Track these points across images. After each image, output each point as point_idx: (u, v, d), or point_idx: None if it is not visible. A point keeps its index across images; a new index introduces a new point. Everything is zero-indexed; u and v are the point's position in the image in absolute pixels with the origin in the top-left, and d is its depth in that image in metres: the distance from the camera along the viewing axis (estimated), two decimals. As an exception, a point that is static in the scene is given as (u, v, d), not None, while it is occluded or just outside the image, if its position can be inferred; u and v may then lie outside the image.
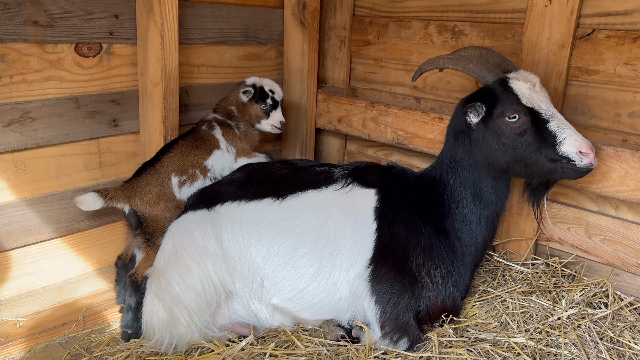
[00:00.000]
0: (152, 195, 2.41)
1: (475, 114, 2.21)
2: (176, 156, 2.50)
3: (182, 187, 2.49)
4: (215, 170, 2.62)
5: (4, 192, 2.26)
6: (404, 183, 2.47)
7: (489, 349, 2.15)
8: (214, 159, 2.61)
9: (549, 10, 2.52)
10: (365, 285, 2.26)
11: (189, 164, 2.51)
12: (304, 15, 3.15)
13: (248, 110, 2.71)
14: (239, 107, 2.73)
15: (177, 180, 2.47)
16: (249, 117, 2.73)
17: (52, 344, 2.43)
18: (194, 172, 2.53)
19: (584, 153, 2.07)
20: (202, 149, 2.58)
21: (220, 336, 2.31)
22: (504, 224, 2.81)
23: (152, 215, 2.41)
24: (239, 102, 2.72)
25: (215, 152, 2.62)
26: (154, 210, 2.42)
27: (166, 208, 2.45)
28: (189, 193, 2.51)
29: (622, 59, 2.45)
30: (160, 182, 2.43)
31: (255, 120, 2.74)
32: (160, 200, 2.42)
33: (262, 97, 2.69)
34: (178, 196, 2.48)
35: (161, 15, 2.42)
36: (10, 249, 2.32)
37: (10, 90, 2.20)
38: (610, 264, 2.55)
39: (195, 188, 2.52)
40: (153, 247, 2.40)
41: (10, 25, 2.14)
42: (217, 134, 2.65)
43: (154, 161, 2.47)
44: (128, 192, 2.39)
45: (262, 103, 2.70)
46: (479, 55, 2.40)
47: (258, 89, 2.69)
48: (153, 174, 2.43)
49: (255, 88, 2.69)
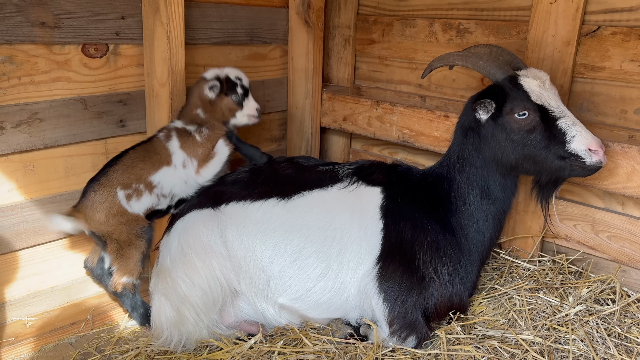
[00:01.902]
0: (100, 213, 2.28)
1: (485, 110, 2.21)
2: (121, 169, 2.33)
3: (130, 201, 2.33)
4: (163, 187, 2.39)
5: (12, 192, 2.28)
6: (409, 181, 2.47)
7: (496, 345, 2.15)
8: (161, 176, 2.39)
9: (554, 7, 2.52)
10: (373, 284, 2.27)
11: (133, 177, 2.33)
12: (309, 14, 3.16)
13: (218, 106, 2.46)
14: (206, 107, 2.46)
15: (123, 194, 2.31)
16: (220, 114, 2.47)
17: (61, 343, 2.44)
18: (137, 187, 2.33)
19: (594, 150, 2.08)
20: (149, 163, 2.37)
21: (228, 334, 2.32)
22: (510, 222, 2.81)
23: (108, 232, 2.30)
24: (205, 101, 2.45)
25: (164, 169, 2.39)
26: (108, 227, 2.29)
27: (119, 222, 2.30)
28: (140, 207, 2.35)
29: (628, 56, 2.45)
30: (106, 196, 2.29)
31: (229, 116, 2.48)
32: (109, 217, 2.29)
33: (230, 88, 2.44)
34: (130, 210, 2.33)
35: (167, 15, 2.43)
36: (19, 249, 2.33)
37: (19, 91, 2.21)
38: (617, 260, 2.55)
39: (144, 203, 2.36)
40: (123, 258, 2.33)
41: (18, 26, 2.16)
42: (172, 146, 2.42)
43: (100, 175, 2.34)
44: (82, 213, 2.28)
45: (233, 93, 2.45)
46: (489, 52, 2.40)
47: (224, 80, 2.44)
48: (97, 190, 2.30)
49: (220, 80, 2.44)
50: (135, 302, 2.42)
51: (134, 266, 2.36)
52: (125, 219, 2.32)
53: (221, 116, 2.48)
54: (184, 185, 2.46)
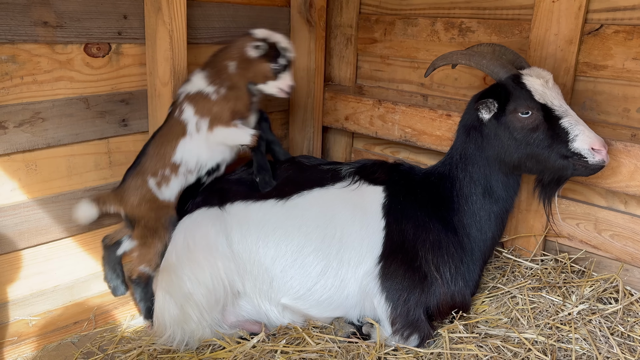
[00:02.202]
0: (134, 197, 2.36)
1: (487, 110, 2.21)
2: (149, 157, 2.38)
3: (161, 188, 2.38)
4: (188, 163, 2.37)
5: (15, 192, 2.28)
6: (411, 180, 2.47)
7: (499, 344, 2.15)
8: (180, 151, 2.36)
9: (557, 6, 2.52)
10: (375, 283, 2.27)
11: (159, 164, 2.36)
12: (311, 13, 3.16)
13: (253, 67, 2.35)
14: (241, 63, 2.35)
15: (154, 182, 2.37)
16: (252, 75, 2.36)
17: (64, 342, 2.45)
18: (163, 173, 2.36)
19: (597, 150, 2.08)
20: (167, 144, 2.37)
21: (231, 333, 2.32)
22: (512, 221, 2.81)
23: (139, 216, 2.38)
24: (244, 57, 2.34)
25: (181, 142, 2.36)
26: (139, 211, 2.37)
27: (150, 208, 2.37)
28: (170, 193, 2.39)
29: (631, 54, 2.44)
30: (140, 185, 2.36)
31: (260, 81, 2.38)
32: (142, 202, 2.36)
33: (274, 56, 2.33)
34: (161, 197, 2.38)
35: (169, 15, 2.43)
36: (22, 249, 2.33)
37: (21, 90, 2.22)
38: (619, 259, 2.55)
39: (174, 187, 2.39)
40: (145, 246, 2.38)
41: (20, 26, 2.16)
42: (186, 115, 2.36)
43: (135, 164, 2.41)
44: (119, 196, 2.38)
45: (273, 62, 2.33)
46: (492, 51, 2.40)
47: (271, 44, 2.33)
48: (134, 177, 2.38)
49: (268, 43, 2.33)
50: (146, 294, 2.43)
51: (153, 256, 2.38)
52: (156, 205, 2.37)
53: (252, 77, 2.38)
54: (206, 151, 2.40)
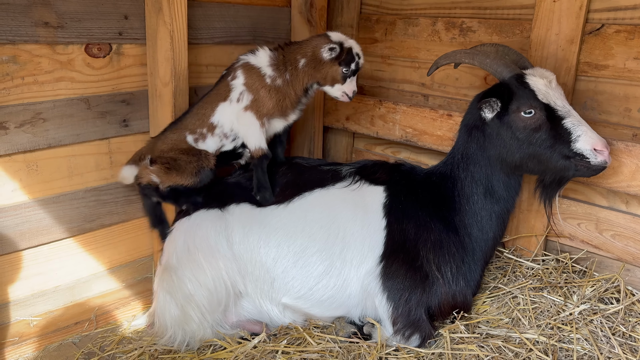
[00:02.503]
0: (165, 145, 2.39)
1: (490, 109, 2.21)
2: (191, 115, 2.43)
3: (198, 143, 2.41)
4: (223, 126, 2.40)
5: (16, 192, 2.28)
6: (413, 180, 2.47)
7: (500, 345, 2.15)
8: (219, 114, 2.39)
9: (558, 6, 2.51)
10: (376, 282, 2.27)
11: (198, 123, 2.40)
12: (311, 13, 3.16)
13: (324, 68, 2.37)
14: (312, 62, 2.38)
15: (192, 138, 2.40)
16: (322, 76, 2.38)
17: (65, 342, 2.45)
18: (201, 131, 2.40)
19: (599, 150, 2.07)
20: (209, 105, 2.40)
21: (232, 334, 2.32)
22: (513, 221, 2.81)
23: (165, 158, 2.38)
24: (316, 57, 2.36)
25: (221, 105, 2.39)
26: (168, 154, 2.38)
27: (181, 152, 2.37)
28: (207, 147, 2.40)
29: (632, 54, 2.44)
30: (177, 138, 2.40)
31: (327, 82, 2.40)
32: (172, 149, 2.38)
33: (346, 60, 2.35)
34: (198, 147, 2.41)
35: (170, 15, 2.43)
36: (23, 249, 2.34)
37: (22, 91, 2.22)
38: (621, 259, 2.54)
39: (210, 144, 2.40)
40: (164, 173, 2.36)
41: (21, 26, 2.16)
42: (236, 81, 2.38)
43: (178, 120, 2.46)
44: (151, 146, 2.43)
45: (345, 67, 2.35)
46: (495, 51, 2.40)
47: (346, 49, 2.35)
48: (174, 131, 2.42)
49: (342, 48, 2.34)
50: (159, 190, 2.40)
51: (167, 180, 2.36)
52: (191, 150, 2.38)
53: (321, 78, 2.40)
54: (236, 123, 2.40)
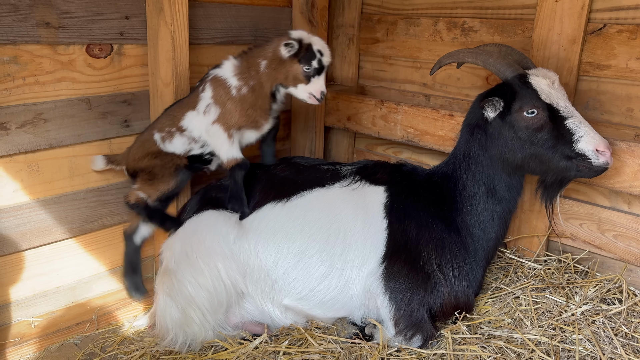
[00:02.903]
0: (138, 151, 2.40)
1: (493, 108, 2.20)
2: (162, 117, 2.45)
3: (165, 142, 2.40)
4: (192, 131, 2.38)
5: (17, 193, 2.28)
6: (414, 180, 2.47)
7: (503, 345, 2.14)
8: (187, 120, 2.37)
9: (560, 6, 2.51)
10: (378, 283, 2.26)
11: (167, 122, 2.41)
12: (313, 13, 3.15)
13: (285, 68, 2.27)
14: (272, 63, 2.29)
15: (159, 136, 2.40)
16: (283, 76, 2.29)
17: (66, 343, 2.45)
18: (170, 130, 2.39)
19: (601, 151, 2.07)
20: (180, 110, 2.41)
21: (233, 335, 2.32)
22: (515, 221, 2.80)
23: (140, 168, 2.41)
24: (276, 56, 2.27)
25: (189, 113, 2.37)
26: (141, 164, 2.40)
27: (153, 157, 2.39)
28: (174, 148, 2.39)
29: (634, 54, 2.43)
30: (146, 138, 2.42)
31: (290, 82, 2.31)
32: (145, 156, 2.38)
33: (307, 58, 2.24)
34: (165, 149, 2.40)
35: (171, 15, 2.43)
36: (24, 250, 2.33)
37: (23, 91, 2.21)
38: (623, 259, 2.54)
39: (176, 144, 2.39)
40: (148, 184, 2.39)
41: (22, 27, 2.16)
42: (205, 94, 2.37)
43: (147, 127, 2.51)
44: (125, 154, 2.46)
45: (306, 64, 2.25)
46: (498, 51, 2.39)
47: (305, 45, 2.25)
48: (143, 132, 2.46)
49: (301, 44, 2.25)
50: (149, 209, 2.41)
51: (154, 191, 2.40)
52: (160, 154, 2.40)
53: (282, 78, 2.31)
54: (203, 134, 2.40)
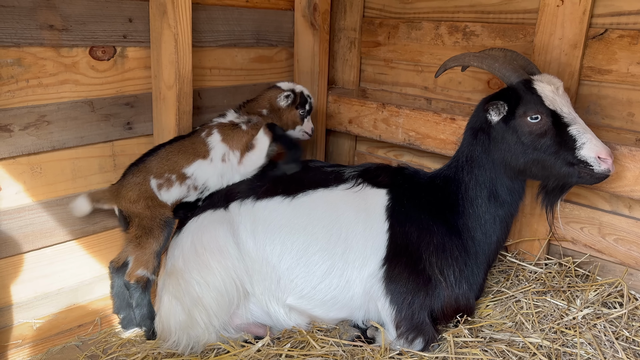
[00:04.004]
0: (132, 193, 2.37)
1: (497, 112, 2.22)
2: (157, 159, 2.42)
3: (161, 190, 2.39)
4: (197, 179, 2.44)
5: (20, 195, 2.28)
6: (416, 183, 2.48)
7: (504, 349, 2.15)
8: (194, 168, 2.43)
9: (561, 10, 2.52)
10: (379, 285, 2.27)
11: (167, 168, 2.41)
12: (315, 17, 3.16)
13: (285, 115, 2.65)
14: (272, 112, 2.64)
15: (156, 183, 2.39)
16: (285, 122, 2.66)
17: (68, 345, 2.45)
18: (169, 177, 2.40)
19: (603, 159, 2.08)
20: (184, 155, 2.44)
21: (236, 337, 2.32)
22: (516, 224, 2.81)
23: (134, 213, 2.38)
24: (275, 107, 2.64)
25: (197, 162, 2.44)
26: (135, 208, 2.38)
27: (146, 206, 2.38)
28: (169, 197, 2.41)
29: (635, 59, 2.44)
30: (140, 182, 2.39)
31: (290, 126, 2.68)
32: (140, 198, 2.37)
33: (301, 103, 2.66)
34: (160, 197, 2.40)
35: (175, 18, 2.44)
36: (27, 252, 2.33)
37: (27, 94, 2.22)
38: (624, 263, 2.55)
39: (174, 193, 2.41)
40: (140, 247, 2.38)
41: (26, 29, 2.16)
42: (212, 141, 2.47)
43: (139, 162, 2.44)
44: (115, 192, 2.40)
45: (302, 109, 2.66)
46: (504, 56, 2.40)
47: (298, 94, 2.65)
48: (135, 174, 2.40)
49: (295, 93, 2.64)
50: (143, 299, 2.41)
51: (149, 257, 2.37)
52: (153, 204, 2.38)
53: (285, 124, 2.65)
54: (218, 180, 2.49)
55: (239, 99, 2.97)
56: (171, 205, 2.43)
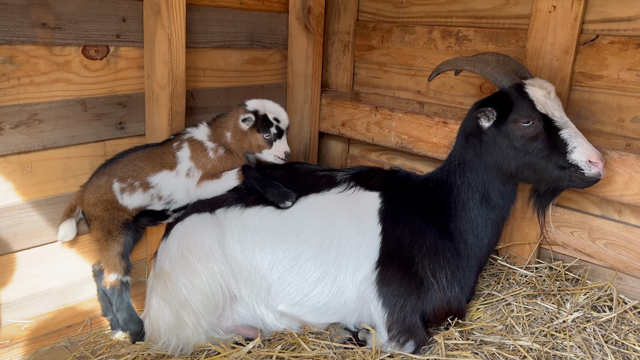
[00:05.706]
0: (92, 196, 2.36)
1: (486, 118, 2.24)
2: (123, 163, 2.40)
3: (123, 194, 2.38)
4: (162, 189, 2.41)
5: (10, 194, 2.26)
6: (408, 186, 2.48)
7: (495, 351, 2.15)
8: (159, 178, 2.40)
9: (553, 16, 2.54)
10: (372, 289, 2.27)
11: (132, 173, 2.38)
12: (309, 20, 3.17)
13: (247, 138, 2.44)
14: (236, 134, 2.44)
15: (119, 187, 2.37)
16: (247, 145, 2.46)
17: (57, 346, 2.42)
18: (132, 183, 2.38)
19: (594, 162, 2.10)
20: (151, 163, 2.41)
21: (226, 339, 2.31)
22: (507, 228, 2.82)
23: (93, 215, 2.37)
24: (237, 129, 2.43)
25: (163, 172, 2.41)
26: (94, 210, 2.36)
27: (104, 209, 2.36)
28: (130, 202, 2.39)
29: (626, 65, 2.47)
30: (102, 184, 2.37)
31: (255, 150, 2.47)
32: (99, 202, 2.35)
33: (265, 126, 2.40)
34: (121, 201, 2.38)
35: (169, 18, 2.43)
36: (16, 251, 2.31)
37: (18, 92, 2.20)
38: (613, 267, 2.57)
39: (135, 199, 2.39)
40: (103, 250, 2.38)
41: (19, 27, 2.15)
42: (181, 156, 2.43)
43: (107, 163, 2.43)
44: (80, 194, 2.39)
45: (265, 132, 2.41)
46: (496, 60, 2.42)
47: (261, 117, 2.41)
48: (99, 176, 2.39)
49: (257, 115, 2.40)
50: (122, 302, 2.41)
51: (114, 259, 2.37)
52: (112, 207, 2.37)
53: (248, 147, 2.47)
54: (185, 194, 2.46)
55: (232, 100, 2.98)
56: (132, 210, 2.41)
